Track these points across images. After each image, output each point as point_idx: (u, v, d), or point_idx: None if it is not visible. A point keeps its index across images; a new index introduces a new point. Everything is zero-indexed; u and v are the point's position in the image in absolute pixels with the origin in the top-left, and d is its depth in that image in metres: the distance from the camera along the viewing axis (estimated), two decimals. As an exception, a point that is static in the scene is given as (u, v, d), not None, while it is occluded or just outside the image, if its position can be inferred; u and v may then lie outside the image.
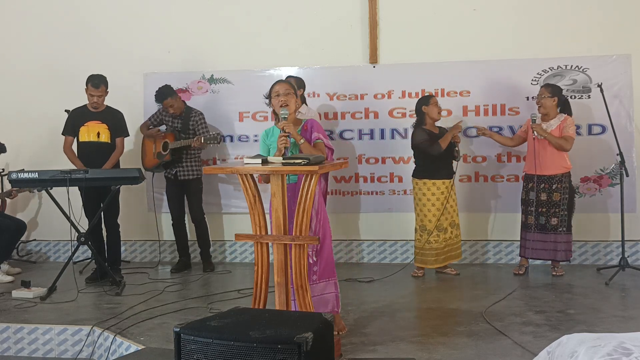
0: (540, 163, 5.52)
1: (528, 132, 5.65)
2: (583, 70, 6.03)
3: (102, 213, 5.65)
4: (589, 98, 6.01)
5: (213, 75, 6.57)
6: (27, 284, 5.29)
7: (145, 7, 6.65)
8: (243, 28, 6.51)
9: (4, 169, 6.61)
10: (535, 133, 5.47)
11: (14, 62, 6.85)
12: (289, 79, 5.33)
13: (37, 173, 5.34)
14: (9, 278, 5.89)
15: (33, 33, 6.82)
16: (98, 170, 5.50)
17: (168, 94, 6.02)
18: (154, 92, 6.08)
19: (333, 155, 4.18)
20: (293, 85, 4.10)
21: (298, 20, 6.43)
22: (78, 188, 5.45)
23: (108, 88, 5.79)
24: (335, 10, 6.37)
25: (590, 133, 6.05)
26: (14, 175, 5.36)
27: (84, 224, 5.69)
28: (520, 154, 6.06)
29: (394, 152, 6.33)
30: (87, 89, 5.75)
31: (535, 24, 6.12)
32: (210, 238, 6.40)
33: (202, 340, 2.85)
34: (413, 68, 6.26)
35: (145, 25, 6.64)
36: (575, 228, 5.71)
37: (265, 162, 3.64)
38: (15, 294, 5.22)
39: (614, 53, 5.99)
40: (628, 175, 5.53)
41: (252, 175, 3.65)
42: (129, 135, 6.08)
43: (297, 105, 4.12)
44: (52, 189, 5.41)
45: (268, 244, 3.68)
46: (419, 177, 5.70)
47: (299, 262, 3.58)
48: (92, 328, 4.35)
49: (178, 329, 2.93)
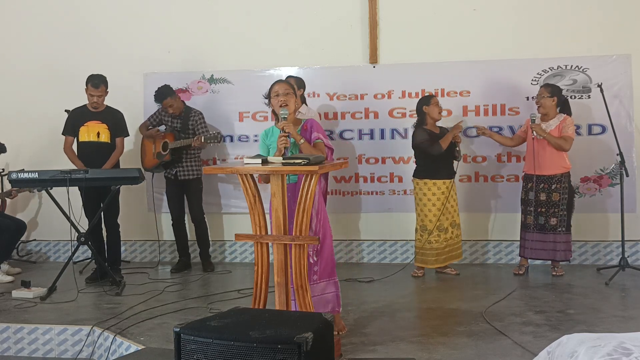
0: (540, 163, 5.52)
1: (527, 132, 5.65)
2: (583, 70, 6.03)
3: (102, 213, 5.65)
4: (589, 98, 6.01)
5: (213, 75, 6.57)
6: (27, 284, 5.29)
7: (145, 7, 6.65)
8: (243, 28, 6.51)
9: (4, 169, 6.61)
10: (535, 133, 5.47)
11: (14, 62, 6.85)
12: (289, 79, 5.34)
13: (37, 173, 5.34)
14: (9, 278, 5.89)
15: (33, 33, 6.82)
16: (98, 170, 5.50)
17: (167, 94, 6.02)
18: (154, 92, 6.09)
19: (333, 155, 4.18)
20: (292, 85, 4.10)
21: (298, 20, 6.43)
22: (78, 188, 5.45)
23: (108, 88, 5.79)
24: (335, 10, 6.37)
25: (590, 133, 6.06)
26: (14, 175, 5.36)
27: (84, 224, 5.69)
28: (520, 154, 6.06)
29: (394, 152, 6.33)
30: (87, 89, 5.75)
31: (535, 24, 6.12)
32: (210, 238, 6.41)
33: (202, 340, 2.85)
34: (413, 68, 6.26)
35: (145, 25, 6.64)
36: (576, 228, 5.71)
37: (265, 162, 3.64)
38: (15, 294, 5.22)
39: (614, 53, 6.00)
40: (628, 175, 5.53)
41: (252, 175, 3.65)
42: (129, 135, 6.08)
43: (296, 105, 4.12)
44: (52, 189, 5.41)
45: (268, 244, 3.68)
46: (420, 177, 5.70)
47: (299, 262, 3.58)
48: (92, 328, 4.35)
49: (178, 329, 2.93)
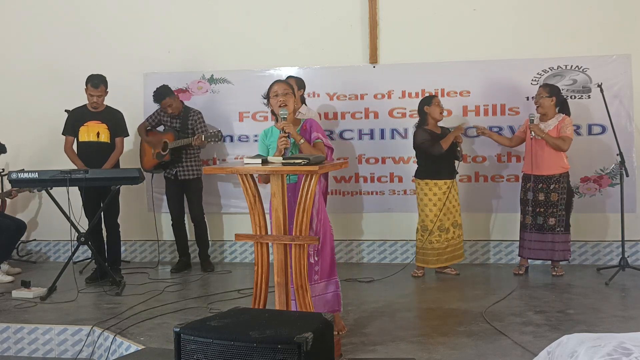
0: (538, 163, 5.52)
1: (526, 132, 5.65)
2: (583, 70, 6.03)
3: (102, 213, 5.65)
4: (589, 98, 6.01)
5: (213, 75, 6.57)
6: (27, 284, 5.29)
7: (145, 7, 6.65)
8: (243, 28, 6.50)
9: (4, 169, 6.61)
10: (533, 133, 5.47)
11: (14, 62, 6.84)
12: (289, 79, 5.33)
13: (37, 173, 5.33)
14: (9, 278, 5.89)
15: (33, 33, 6.82)
16: (98, 170, 5.50)
17: (166, 94, 6.02)
18: (152, 92, 6.09)
19: (333, 155, 4.18)
20: (291, 85, 4.09)
21: (298, 20, 6.42)
22: (78, 188, 5.45)
23: (108, 88, 5.79)
24: (335, 10, 6.37)
25: (590, 133, 6.05)
26: (14, 175, 5.36)
27: (84, 224, 5.69)
28: (520, 154, 6.05)
29: (394, 152, 6.33)
30: (86, 89, 5.75)
31: (535, 24, 6.12)
32: (210, 238, 6.41)
33: (202, 340, 2.85)
34: (413, 68, 6.26)
35: (145, 25, 6.64)
36: (576, 228, 5.72)
37: (265, 162, 3.64)
38: (15, 294, 5.22)
39: (614, 53, 5.99)
40: (628, 175, 5.53)
41: (252, 175, 3.65)
42: (129, 135, 6.07)
43: (296, 106, 4.11)
44: (52, 189, 5.41)
45: (268, 244, 3.67)
46: (421, 177, 5.70)
47: (299, 262, 3.58)
48: (92, 328, 4.35)
49: (178, 329, 2.92)
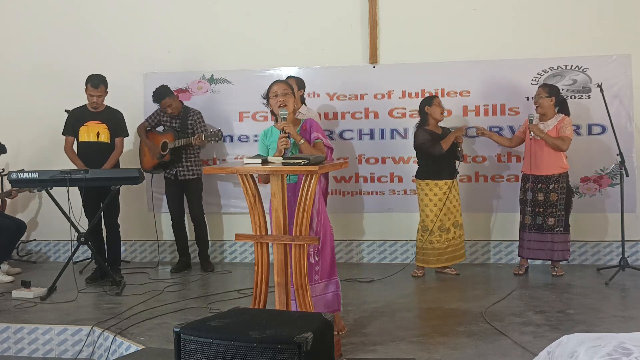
0: (537, 163, 5.52)
1: (526, 132, 5.64)
2: (583, 70, 6.03)
3: (102, 213, 5.65)
4: (589, 98, 6.01)
5: (213, 75, 6.57)
6: (27, 284, 5.29)
7: (145, 7, 6.65)
8: (243, 28, 6.50)
9: (4, 169, 6.61)
10: (532, 133, 5.47)
11: (14, 62, 6.84)
12: (289, 79, 5.33)
13: (37, 173, 5.33)
14: (9, 278, 5.88)
15: (33, 33, 6.82)
16: (98, 170, 5.50)
17: (165, 94, 6.02)
18: (152, 92, 6.08)
19: (333, 154, 4.18)
20: (291, 85, 4.09)
21: (298, 20, 6.42)
22: (78, 188, 5.45)
23: (108, 88, 5.79)
24: (335, 10, 6.37)
25: (590, 133, 6.05)
26: (14, 175, 5.36)
27: (84, 224, 5.69)
28: (520, 154, 6.05)
29: (394, 152, 6.33)
30: (86, 89, 5.75)
31: (535, 24, 6.12)
32: (210, 238, 6.41)
33: (202, 340, 2.85)
34: (413, 68, 6.26)
35: (145, 25, 6.64)
36: (576, 228, 5.72)
37: (265, 162, 3.64)
38: (15, 294, 5.22)
39: (614, 53, 5.99)
40: (628, 175, 5.53)
41: (252, 175, 3.65)
42: (129, 135, 6.07)
43: (295, 106, 4.11)
44: (52, 189, 5.41)
45: (268, 244, 3.67)
46: (422, 177, 5.70)
47: (299, 262, 3.58)
48: (92, 328, 4.35)
49: (178, 329, 2.92)
